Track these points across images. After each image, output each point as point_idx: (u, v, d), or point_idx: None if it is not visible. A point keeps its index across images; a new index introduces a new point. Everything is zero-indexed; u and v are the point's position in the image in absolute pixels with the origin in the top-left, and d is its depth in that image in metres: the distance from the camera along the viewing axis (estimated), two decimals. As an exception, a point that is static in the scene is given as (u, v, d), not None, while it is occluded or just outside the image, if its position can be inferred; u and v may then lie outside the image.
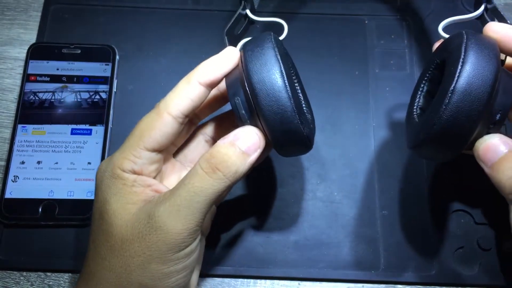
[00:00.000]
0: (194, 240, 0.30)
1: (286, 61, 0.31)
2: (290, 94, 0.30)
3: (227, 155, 0.30)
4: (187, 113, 0.32)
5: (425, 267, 0.40)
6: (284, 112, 0.30)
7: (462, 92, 0.29)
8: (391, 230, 0.41)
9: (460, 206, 0.42)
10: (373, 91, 0.46)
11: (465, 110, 0.29)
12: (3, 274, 0.40)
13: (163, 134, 0.31)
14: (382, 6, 0.50)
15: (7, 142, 0.44)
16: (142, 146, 0.31)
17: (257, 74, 0.30)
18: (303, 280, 0.40)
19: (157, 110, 0.32)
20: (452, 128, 0.30)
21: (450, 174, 0.43)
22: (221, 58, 0.32)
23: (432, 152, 0.32)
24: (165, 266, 0.29)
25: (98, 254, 0.31)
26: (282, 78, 0.30)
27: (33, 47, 0.46)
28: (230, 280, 0.40)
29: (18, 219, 0.41)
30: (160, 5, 0.50)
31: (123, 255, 0.30)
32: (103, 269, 0.30)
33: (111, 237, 0.30)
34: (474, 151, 0.32)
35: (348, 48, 0.48)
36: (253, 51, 0.31)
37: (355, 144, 0.44)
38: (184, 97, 0.31)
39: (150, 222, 0.29)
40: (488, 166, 0.31)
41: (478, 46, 0.30)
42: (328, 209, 0.42)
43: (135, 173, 0.31)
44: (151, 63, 0.47)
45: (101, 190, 0.31)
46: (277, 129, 0.30)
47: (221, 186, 0.30)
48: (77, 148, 0.43)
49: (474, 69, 0.29)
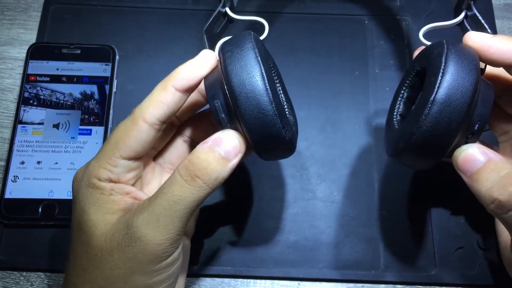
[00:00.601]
0: (176, 248, 0.29)
1: (267, 62, 0.30)
2: (271, 98, 0.29)
3: (207, 161, 0.29)
4: (163, 120, 0.31)
5: (425, 267, 0.40)
6: (265, 116, 0.29)
7: (442, 103, 0.29)
8: (391, 230, 0.41)
9: (460, 206, 0.42)
10: (373, 91, 0.46)
11: (445, 121, 0.29)
12: (3, 274, 0.40)
13: (139, 142, 0.30)
14: (382, 6, 0.50)
15: (7, 142, 0.44)
16: (117, 154, 0.30)
17: (237, 77, 0.29)
18: (303, 280, 0.40)
19: (132, 118, 0.31)
20: (431, 138, 0.30)
21: (450, 174, 0.43)
22: (196, 62, 0.31)
23: (411, 160, 0.33)
24: (148, 277, 0.29)
25: (79, 266, 0.30)
26: (263, 81, 0.29)
27: (33, 47, 0.46)
28: (230, 280, 0.40)
29: (18, 219, 0.41)
30: (160, 5, 0.50)
31: (104, 268, 0.29)
32: (84, 281, 0.29)
33: (90, 249, 0.29)
34: (453, 161, 0.32)
35: (348, 48, 0.48)
36: (232, 52, 0.30)
37: (355, 144, 0.44)
38: (160, 103, 0.30)
39: (129, 233, 0.28)
40: (467, 176, 0.31)
41: (459, 56, 0.30)
42: (328, 209, 0.42)
43: (112, 181, 0.31)
44: (151, 63, 0.47)
45: (79, 200, 0.30)
46: (258, 133, 0.29)
47: (201, 194, 0.29)
48: (77, 148, 0.43)
49: (454, 80, 0.29)
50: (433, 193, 0.42)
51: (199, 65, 0.31)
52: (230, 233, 0.41)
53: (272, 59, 0.35)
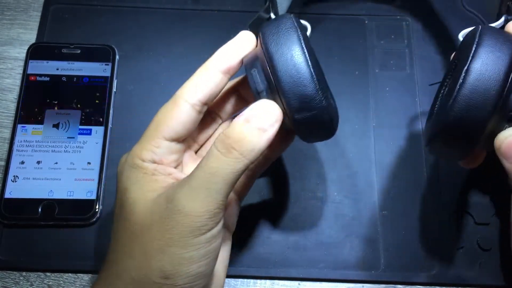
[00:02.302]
0: (216, 224, 0.29)
1: (308, 43, 0.30)
2: (308, 61, 0.29)
3: (242, 133, 0.28)
4: (205, 100, 0.31)
5: (425, 267, 0.40)
6: (300, 75, 0.28)
7: (476, 72, 0.28)
8: (391, 230, 0.41)
9: (460, 206, 0.42)
10: (373, 91, 0.46)
11: (480, 90, 0.28)
12: (3, 274, 0.40)
13: (180, 123, 0.31)
14: (382, 6, 0.50)
15: (7, 142, 0.44)
16: (160, 136, 0.31)
17: (274, 42, 0.29)
18: (303, 280, 0.40)
19: (174, 99, 0.31)
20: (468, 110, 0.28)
21: (450, 174, 0.43)
22: (236, 42, 0.32)
23: (448, 146, 0.31)
24: (186, 251, 0.28)
25: (119, 243, 0.30)
26: (300, 46, 0.29)
27: (33, 47, 0.46)
28: (230, 280, 0.40)
29: (18, 219, 0.41)
30: (160, 5, 0.50)
31: (142, 241, 0.29)
32: (123, 256, 0.30)
33: (131, 224, 0.30)
34: (496, 143, 0.30)
35: (348, 48, 0.48)
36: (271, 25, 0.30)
37: (355, 144, 0.44)
38: (201, 84, 0.31)
39: (169, 206, 0.28)
40: (510, 162, 0.30)
41: (493, 32, 0.29)
42: (328, 209, 0.42)
43: (155, 162, 0.31)
44: (151, 63, 0.47)
45: (121, 181, 0.31)
46: (294, 94, 0.29)
47: (239, 166, 0.28)
48: (77, 148, 0.43)
49: (489, 51, 0.28)
50: (433, 193, 0.42)
51: (239, 44, 0.32)
52: (230, 233, 0.41)
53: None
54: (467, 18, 0.48)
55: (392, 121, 0.45)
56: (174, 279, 0.28)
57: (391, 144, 0.44)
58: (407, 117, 0.45)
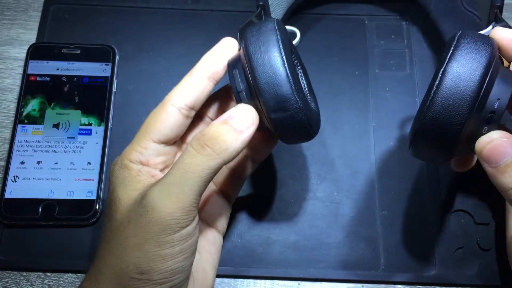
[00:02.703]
0: (190, 222, 0.30)
1: (287, 45, 0.31)
2: (285, 62, 0.29)
3: (218, 132, 0.30)
4: (191, 105, 0.32)
5: (425, 267, 0.40)
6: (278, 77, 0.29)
7: (452, 73, 0.29)
8: (391, 230, 0.41)
9: (460, 206, 0.42)
10: (373, 91, 0.46)
11: (456, 91, 0.28)
12: (3, 274, 0.40)
13: (167, 125, 0.32)
14: (382, 6, 0.50)
15: (7, 142, 0.44)
16: (148, 138, 0.32)
17: (254, 44, 0.30)
18: (303, 280, 0.40)
19: (162, 103, 0.33)
20: (444, 110, 0.29)
21: (450, 174, 0.43)
22: (218, 48, 0.33)
23: (428, 146, 0.31)
24: (159, 248, 0.29)
25: (104, 239, 0.32)
26: (278, 48, 0.30)
27: (33, 47, 0.46)
28: (230, 280, 0.40)
29: (18, 219, 0.41)
30: (160, 5, 0.50)
31: (121, 237, 0.30)
32: (106, 252, 0.31)
33: (113, 221, 0.31)
34: (477, 147, 0.31)
35: (348, 48, 0.48)
36: (253, 29, 0.31)
37: (355, 144, 0.44)
38: (187, 89, 0.32)
39: (143, 202, 0.29)
40: (492, 167, 0.30)
41: (472, 35, 0.30)
42: (328, 209, 0.42)
43: (141, 163, 0.32)
44: (151, 63, 0.47)
45: (112, 181, 0.33)
46: (271, 97, 0.30)
47: (212, 163, 0.29)
48: (77, 148, 0.43)
49: (465, 53, 0.29)
50: (433, 193, 0.42)
51: (220, 51, 0.33)
52: (230, 233, 0.41)
53: (297, 52, 0.36)
54: (467, 18, 0.48)
55: (392, 121, 0.45)
56: (149, 274, 0.29)
57: (391, 144, 0.44)
58: (407, 117, 0.45)
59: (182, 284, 0.31)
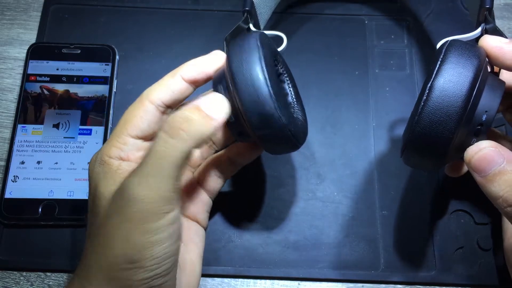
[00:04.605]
0: (174, 206, 0.30)
1: (269, 55, 0.31)
2: (267, 80, 0.30)
3: (190, 116, 0.30)
4: (168, 103, 0.33)
5: (425, 267, 0.40)
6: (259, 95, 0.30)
7: (440, 87, 0.29)
8: (391, 230, 0.41)
9: (460, 206, 0.42)
10: (373, 91, 0.46)
11: (443, 107, 0.29)
12: (3, 274, 0.40)
13: (145, 121, 0.32)
14: (382, 6, 0.50)
15: (7, 142, 0.44)
16: (126, 133, 0.32)
17: (236, 57, 0.31)
18: (303, 280, 0.40)
19: (140, 99, 0.33)
20: (433, 121, 0.29)
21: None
22: (206, 58, 0.34)
23: (418, 156, 0.32)
24: (147, 236, 0.29)
25: (89, 235, 0.32)
26: (260, 67, 0.30)
27: (33, 47, 0.46)
28: (230, 280, 0.40)
29: (18, 219, 0.41)
30: (160, 5, 0.50)
31: (105, 231, 0.30)
32: (92, 249, 0.31)
33: (96, 217, 0.31)
34: (466, 158, 0.31)
35: (348, 48, 0.48)
36: (236, 47, 0.32)
37: (355, 144, 0.44)
38: (165, 87, 0.33)
39: (124, 194, 0.29)
40: (481, 176, 0.30)
41: (459, 47, 0.30)
42: (328, 209, 0.42)
43: (121, 159, 0.32)
44: (151, 63, 0.47)
45: (92, 178, 0.32)
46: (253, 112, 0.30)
47: (185, 147, 0.29)
48: (77, 148, 0.43)
49: (452, 67, 0.29)
50: (433, 193, 0.42)
51: (207, 61, 0.33)
52: (230, 233, 0.41)
53: (283, 59, 0.36)
54: (467, 18, 0.48)
55: (392, 121, 0.45)
56: (140, 262, 0.29)
57: (391, 144, 0.44)
58: (407, 117, 0.45)
59: (172, 268, 0.31)
